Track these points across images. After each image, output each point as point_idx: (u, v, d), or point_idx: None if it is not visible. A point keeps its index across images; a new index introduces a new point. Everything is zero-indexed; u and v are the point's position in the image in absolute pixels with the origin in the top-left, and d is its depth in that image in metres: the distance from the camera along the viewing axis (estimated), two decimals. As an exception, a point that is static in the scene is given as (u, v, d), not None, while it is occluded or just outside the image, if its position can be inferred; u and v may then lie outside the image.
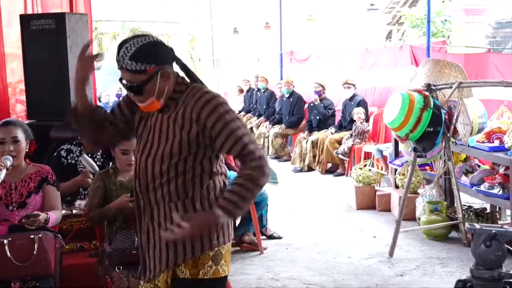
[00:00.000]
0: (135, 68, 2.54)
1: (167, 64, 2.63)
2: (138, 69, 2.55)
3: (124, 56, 2.54)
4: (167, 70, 2.61)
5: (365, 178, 7.73)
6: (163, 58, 2.62)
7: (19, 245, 3.46)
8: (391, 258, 5.74)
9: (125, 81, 2.59)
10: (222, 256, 2.72)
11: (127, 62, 2.54)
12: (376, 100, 10.63)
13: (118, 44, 2.60)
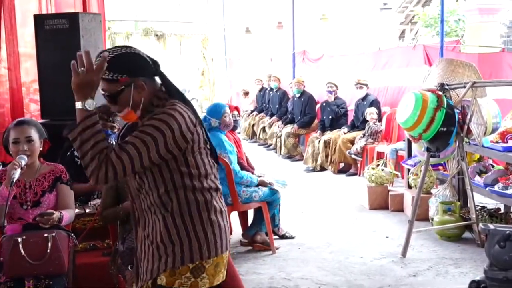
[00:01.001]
0: (107, 77, 2.57)
1: (142, 76, 2.63)
2: (110, 78, 2.58)
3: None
4: (141, 82, 2.61)
5: (378, 178, 7.71)
6: (137, 69, 2.63)
7: (33, 244, 3.48)
8: (404, 259, 5.72)
9: (102, 91, 2.62)
10: (205, 270, 2.70)
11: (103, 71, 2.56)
12: (388, 100, 10.60)
13: (96, 55, 2.59)
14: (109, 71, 2.56)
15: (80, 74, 2.49)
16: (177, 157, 2.62)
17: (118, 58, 2.59)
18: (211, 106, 6.29)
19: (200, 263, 2.67)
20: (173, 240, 2.64)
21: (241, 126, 14.69)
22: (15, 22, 6.69)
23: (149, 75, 2.68)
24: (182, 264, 2.65)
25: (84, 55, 2.50)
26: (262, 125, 13.94)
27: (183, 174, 2.65)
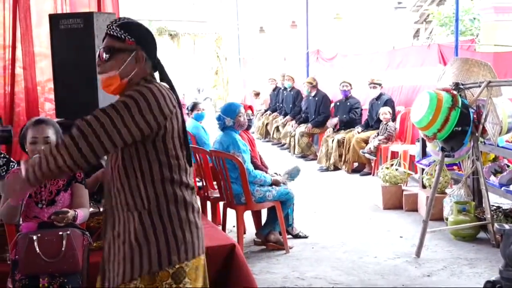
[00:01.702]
0: (116, 33, 2.58)
1: (146, 52, 2.62)
2: (119, 36, 2.58)
3: (114, 23, 2.62)
4: (143, 55, 2.60)
5: (392, 177, 7.68)
6: (145, 42, 2.63)
7: (48, 241, 3.49)
8: (418, 259, 5.70)
9: (102, 47, 2.61)
10: (186, 274, 2.56)
11: (114, 27, 2.60)
12: (403, 99, 10.56)
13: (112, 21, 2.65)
14: (120, 29, 2.58)
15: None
16: (156, 142, 2.50)
17: (136, 25, 2.63)
18: (226, 105, 6.31)
19: (180, 267, 2.54)
20: (149, 239, 2.51)
21: (255, 126, 14.70)
22: (31, 22, 6.74)
23: (151, 57, 2.65)
24: (160, 269, 2.51)
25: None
26: (275, 125, 13.94)
27: (161, 164, 2.53)
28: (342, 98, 11.02)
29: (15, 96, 6.93)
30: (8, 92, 6.90)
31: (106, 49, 2.58)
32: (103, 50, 2.59)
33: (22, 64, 6.83)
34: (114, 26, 2.59)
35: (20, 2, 6.76)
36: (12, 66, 6.87)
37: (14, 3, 6.77)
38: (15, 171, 3.81)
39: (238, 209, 5.90)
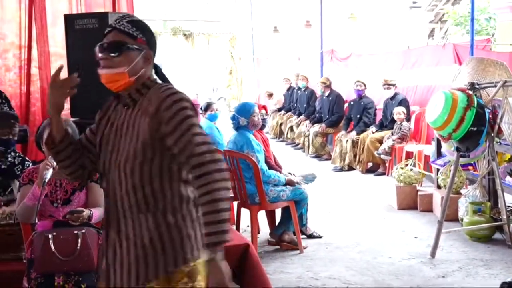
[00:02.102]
0: (128, 30, 2.49)
1: (153, 53, 2.57)
2: (131, 33, 2.49)
3: (123, 19, 2.52)
4: (151, 55, 2.55)
5: (407, 177, 7.65)
6: (153, 44, 2.57)
7: (63, 240, 3.52)
8: (433, 259, 5.67)
9: (109, 41, 2.49)
10: (199, 272, 2.51)
11: (124, 23, 2.50)
12: (418, 99, 10.52)
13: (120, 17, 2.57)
14: (132, 26, 2.50)
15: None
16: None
17: (145, 24, 2.57)
18: (240, 105, 6.31)
19: (194, 265, 2.51)
20: (164, 239, 2.46)
21: (269, 125, 14.70)
22: (46, 22, 6.78)
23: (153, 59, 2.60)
24: (175, 267, 2.47)
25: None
26: (289, 124, 13.93)
27: (180, 165, 2.49)
28: (356, 98, 10.98)
29: (31, 96, 6.97)
30: (24, 92, 6.95)
31: (115, 44, 2.47)
32: (110, 44, 2.48)
33: (38, 64, 6.87)
34: (125, 22, 2.50)
35: (35, 3, 6.80)
36: (27, 66, 6.91)
37: (29, 3, 6.82)
38: (31, 170, 3.84)
39: (252, 209, 5.91)
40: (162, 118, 2.41)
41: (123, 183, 2.47)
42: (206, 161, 2.39)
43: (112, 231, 2.53)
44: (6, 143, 4.88)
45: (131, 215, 2.48)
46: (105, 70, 2.50)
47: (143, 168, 2.44)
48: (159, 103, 2.42)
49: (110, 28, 2.52)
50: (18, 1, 6.87)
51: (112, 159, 2.51)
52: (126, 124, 2.50)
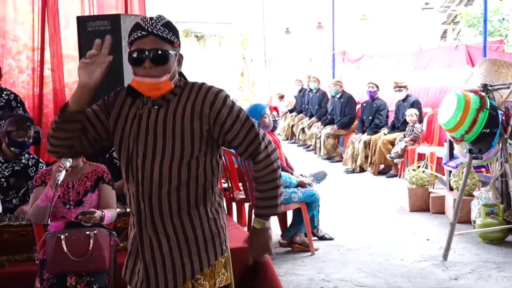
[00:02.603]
0: (166, 36, 2.42)
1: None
2: (169, 38, 2.43)
3: (157, 22, 2.43)
4: (183, 57, 2.54)
5: (419, 179, 7.62)
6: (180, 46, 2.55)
7: (75, 241, 3.53)
8: (445, 262, 5.64)
9: (150, 48, 2.40)
10: (230, 261, 2.65)
11: (159, 27, 2.42)
12: (430, 101, 10.47)
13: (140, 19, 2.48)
14: (168, 31, 2.44)
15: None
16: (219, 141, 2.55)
17: (175, 26, 2.51)
18: (251, 106, 6.31)
19: (227, 255, 2.63)
20: (206, 234, 2.53)
21: (280, 127, 14.69)
22: (59, 24, 6.82)
23: None
24: (216, 259, 2.56)
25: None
26: (301, 126, 13.92)
27: (218, 160, 2.59)
28: (369, 100, 10.95)
29: (44, 98, 7.02)
30: (37, 94, 6.99)
31: (160, 55, 2.41)
32: (155, 54, 2.40)
33: (51, 66, 6.91)
34: (161, 26, 2.42)
35: (48, 5, 6.84)
36: (40, 68, 6.96)
37: (43, 6, 6.86)
38: (44, 172, 3.86)
39: (264, 211, 5.89)
40: (219, 114, 2.46)
41: (166, 183, 2.45)
42: (266, 144, 2.56)
43: (148, 232, 2.51)
44: (21, 145, 4.91)
45: (169, 214, 2.48)
46: (149, 79, 2.42)
47: (191, 166, 2.46)
48: (211, 100, 2.47)
49: (146, 33, 2.42)
50: (31, 4, 6.92)
51: (147, 160, 2.47)
52: (162, 124, 2.46)
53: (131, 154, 2.49)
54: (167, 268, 2.50)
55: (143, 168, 2.47)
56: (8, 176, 4.91)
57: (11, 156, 4.95)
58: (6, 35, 6.96)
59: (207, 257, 2.54)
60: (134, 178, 2.49)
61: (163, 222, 2.49)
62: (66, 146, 2.49)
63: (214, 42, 18.47)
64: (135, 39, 2.43)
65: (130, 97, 2.55)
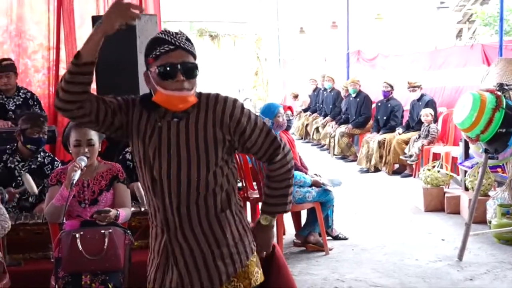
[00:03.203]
0: (191, 49, 2.47)
1: None
2: (193, 52, 2.49)
3: (181, 36, 2.46)
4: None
5: (434, 179, 7.58)
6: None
7: (91, 239, 3.55)
8: (461, 262, 5.61)
9: (181, 61, 2.42)
10: (258, 258, 2.71)
11: (184, 41, 2.45)
12: (446, 100, 10.42)
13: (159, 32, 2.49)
14: (190, 44, 2.48)
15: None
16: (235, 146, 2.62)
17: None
18: (265, 106, 6.31)
19: (256, 253, 2.68)
20: (234, 235, 2.59)
21: (294, 126, 14.67)
22: (74, 24, 6.86)
23: None
24: (247, 259, 2.62)
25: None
26: (315, 125, 13.90)
27: (235, 165, 2.67)
28: (383, 99, 10.92)
29: (59, 97, 7.05)
30: (52, 93, 7.04)
31: (193, 69, 2.46)
32: (189, 69, 2.44)
33: (66, 65, 6.95)
34: (185, 40, 2.46)
35: (64, 5, 6.88)
36: (56, 67, 7.00)
37: (58, 5, 6.91)
38: (60, 171, 3.88)
39: (278, 210, 5.89)
40: (239, 123, 2.51)
41: (194, 193, 2.49)
42: (282, 146, 2.63)
43: (178, 241, 2.54)
44: (37, 142, 4.95)
45: (201, 221, 2.53)
46: (181, 93, 2.44)
47: (216, 174, 2.51)
48: (230, 110, 2.50)
49: (173, 47, 2.43)
50: (47, 3, 6.97)
51: (172, 173, 2.48)
52: (185, 136, 2.48)
53: (154, 168, 2.50)
54: (202, 274, 2.55)
55: (169, 181, 2.49)
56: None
57: (27, 154, 5.00)
58: (22, 34, 7.02)
59: (240, 259, 2.59)
60: (160, 191, 2.51)
61: (192, 230, 2.54)
62: (76, 102, 2.41)
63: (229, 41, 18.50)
64: (162, 53, 2.42)
65: (145, 110, 2.54)
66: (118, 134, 2.56)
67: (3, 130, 5.81)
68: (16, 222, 4.41)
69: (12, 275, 4.01)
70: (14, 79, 6.15)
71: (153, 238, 2.63)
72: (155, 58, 2.44)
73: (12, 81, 6.11)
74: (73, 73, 2.37)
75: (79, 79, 2.38)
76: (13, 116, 6.08)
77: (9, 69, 6.08)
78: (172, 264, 2.55)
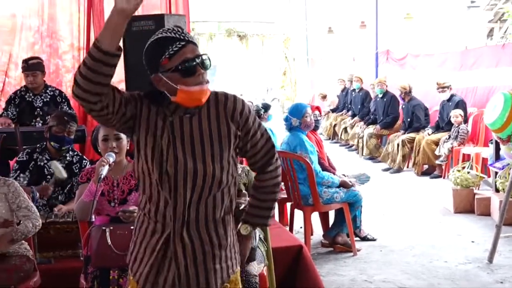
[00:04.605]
0: (196, 41, 2.47)
1: None
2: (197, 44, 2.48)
3: (183, 30, 2.42)
4: None
5: (464, 180, 7.50)
6: None
7: (120, 235, 3.56)
8: (491, 264, 5.54)
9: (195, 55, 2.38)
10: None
11: (189, 35, 2.42)
12: (477, 101, 10.27)
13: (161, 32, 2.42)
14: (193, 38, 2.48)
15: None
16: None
17: None
18: (293, 105, 6.30)
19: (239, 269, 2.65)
20: (235, 241, 2.58)
21: (322, 126, 14.64)
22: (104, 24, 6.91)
23: None
24: (236, 267, 2.59)
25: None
26: (343, 126, 13.85)
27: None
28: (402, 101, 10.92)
29: (89, 97, 7.12)
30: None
31: (207, 59, 2.43)
32: (203, 60, 2.41)
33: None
34: (189, 35, 2.42)
35: (94, 5, 6.94)
36: (86, 67, 7.06)
37: (88, 6, 6.97)
38: (90, 169, 3.91)
39: (306, 210, 5.89)
40: (247, 122, 2.50)
41: (206, 190, 2.43)
42: (276, 157, 2.63)
43: (181, 235, 2.45)
44: (60, 140, 5.00)
45: (208, 221, 2.47)
46: (205, 86, 2.42)
47: (228, 171, 2.47)
48: (240, 108, 2.48)
49: (184, 42, 2.38)
50: (77, 4, 7.04)
51: (188, 166, 2.41)
52: (198, 130, 2.44)
53: (168, 162, 2.41)
54: (200, 276, 2.47)
55: (184, 176, 2.41)
56: (53, 173, 5.01)
57: (54, 153, 5.06)
58: (54, 35, 7.10)
59: (232, 264, 2.56)
60: (172, 185, 2.42)
61: (198, 229, 2.46)
62: (93, 92, 2.28)
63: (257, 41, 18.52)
64: (176, 51, 2.37)
65: (153, 105, 2.47)
66: (126, 126, 2.46)
67: (34, 129, 5.89)
68: (47, 220, 4.47)
69: (42, 273, 4.07)
70: (41, 78, 6.21)
71: (148, 234, 2.50)
72: (169, 57, 2.38)
73: (38, 80, 6.17)
74: (95, 60, 2.22)
75: (101, 68, 2.23)
76: (41, 113, 6.17)
77: (36, 68, 6.14)
78: (169, 263, 2.47)
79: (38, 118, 6.16)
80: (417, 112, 10.62)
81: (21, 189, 4.07)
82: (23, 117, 6.16)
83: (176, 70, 2.37)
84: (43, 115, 6.15)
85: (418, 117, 10.61)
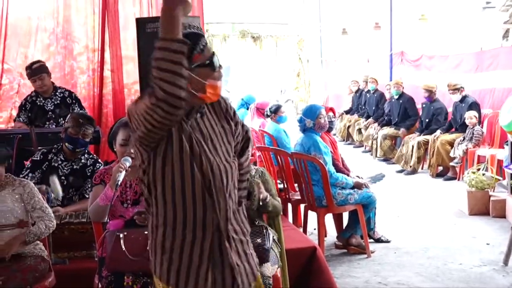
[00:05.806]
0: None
1: None
2: None
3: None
4: None
5: (479, 182, 7.45)
6: None
7: (134, 240, 3.57)
8: (506, 267, 5.50)
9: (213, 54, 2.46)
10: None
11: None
12: (496, 102, 10.18)
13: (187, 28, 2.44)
14: None
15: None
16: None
17: None
18: (307, 107, 6.30)
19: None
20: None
21: (336, 128, 14.60)
22: (118, 26, 6.94)
23: None
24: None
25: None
26: (357, 127, 13.81)
27: None
28: (427, 101, 10.80)
29: (103, 98, 7.16)
30: (97, 94, 7.14)
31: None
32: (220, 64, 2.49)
33: (110, 67, 7.04)
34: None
35: (109, 8, 6.96)
36: (101, 68, 7.10)
37: (103, 8, 6.99)
38: (103, 171, 3.93)
39: (319, 212, 5.88)
40: (237, 119, 2.63)
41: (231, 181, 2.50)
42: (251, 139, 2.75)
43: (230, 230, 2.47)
44: (74, 142, 5.02)
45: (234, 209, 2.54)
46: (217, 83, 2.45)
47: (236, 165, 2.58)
48: (231, 106, 2.62)
49: (205, 43, 2.45)
50: (92, 6, 7.06)
51: (217, 164, 2.43)
52: (212, 130, 2.50)
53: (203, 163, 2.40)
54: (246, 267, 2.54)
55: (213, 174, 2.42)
56: (67, 174, 5.04)
57: (69, 155, 5.08)
58: (69, 36, 7.13)
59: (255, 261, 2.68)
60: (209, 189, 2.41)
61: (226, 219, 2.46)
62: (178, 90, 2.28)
63: (271, 42, 18.50)
64: (205, 46, 2.44)
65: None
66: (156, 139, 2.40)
67: (49, 130, 5.92)
68: (61, 221, 4.49)
69: (57, 273, 4.09)
70: (48, 79, 6.22)
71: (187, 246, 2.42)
72: (200, 52, 2.41)
73: (46, 82, 6.18)
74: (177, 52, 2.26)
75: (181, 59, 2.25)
76: (53, 115, 6.19)
77: (41, 71, 6.15)
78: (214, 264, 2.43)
79: (52, 121, 6.18)
80: (439, 115, 10.55)
81: (36, 190, 4.10)
82: (36, 121, 6.19)
83: (206, 65, 2.42)
84: (55, 118, 6.17)
85: (438, 120, 10.54)
